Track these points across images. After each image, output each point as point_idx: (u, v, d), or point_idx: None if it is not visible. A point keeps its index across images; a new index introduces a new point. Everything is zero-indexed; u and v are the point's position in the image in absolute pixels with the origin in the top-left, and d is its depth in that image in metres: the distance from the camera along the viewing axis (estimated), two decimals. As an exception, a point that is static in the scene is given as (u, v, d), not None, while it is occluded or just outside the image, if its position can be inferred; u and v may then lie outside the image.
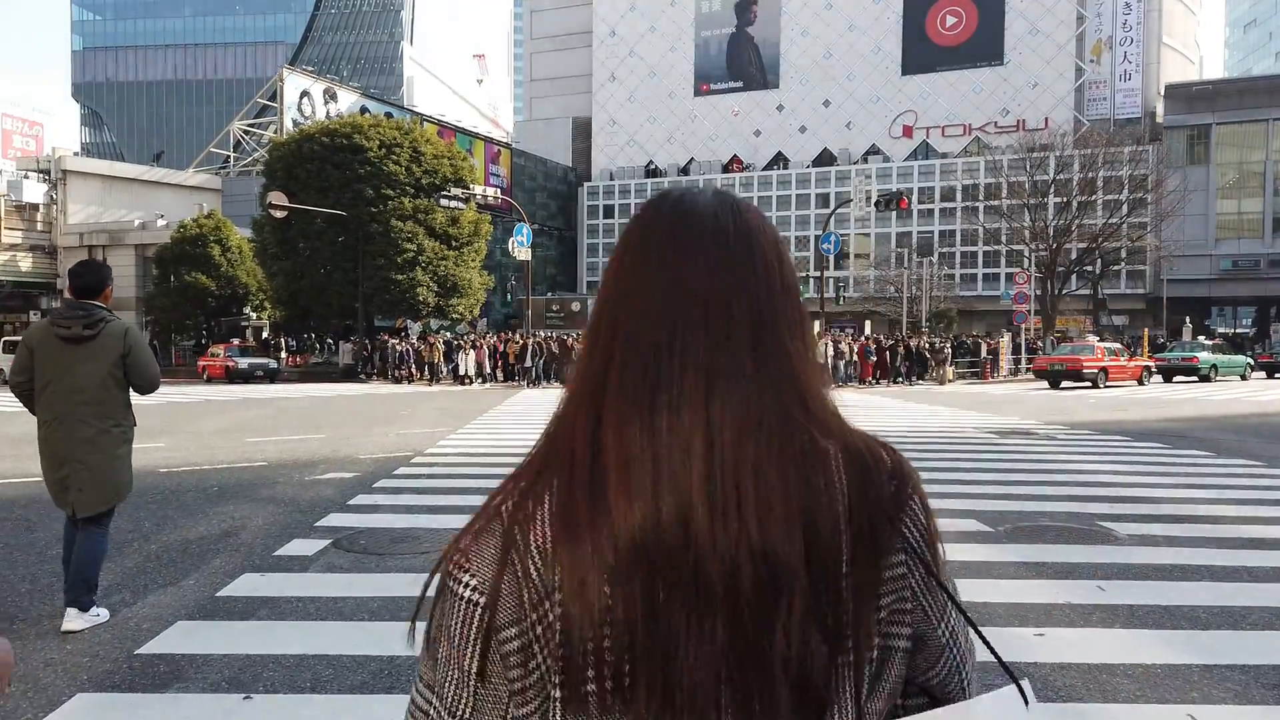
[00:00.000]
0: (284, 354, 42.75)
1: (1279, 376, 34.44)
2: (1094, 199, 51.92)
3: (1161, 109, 69.66)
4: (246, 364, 32.14)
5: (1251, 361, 32.80)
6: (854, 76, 79.58)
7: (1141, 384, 28.26)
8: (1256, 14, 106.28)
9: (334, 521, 6.73)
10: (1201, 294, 64.38)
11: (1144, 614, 4.55)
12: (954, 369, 30.56)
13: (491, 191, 33.06)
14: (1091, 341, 31.26)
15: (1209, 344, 34.04)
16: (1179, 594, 4.91)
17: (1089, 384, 26.55)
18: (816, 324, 50.50)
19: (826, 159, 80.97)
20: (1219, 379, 30.11)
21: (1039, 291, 47.59)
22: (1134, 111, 70.42)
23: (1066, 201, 51.01)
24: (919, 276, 49.95)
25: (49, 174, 52.03)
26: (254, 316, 43.11)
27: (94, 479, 4.26)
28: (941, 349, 29.21)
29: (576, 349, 0.90)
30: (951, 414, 17.45)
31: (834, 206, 36.07)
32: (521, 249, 29.52)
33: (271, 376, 32.41)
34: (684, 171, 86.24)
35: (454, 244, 36.62)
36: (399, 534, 6.43)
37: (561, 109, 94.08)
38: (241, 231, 42.59)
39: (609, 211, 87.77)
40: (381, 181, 34.78)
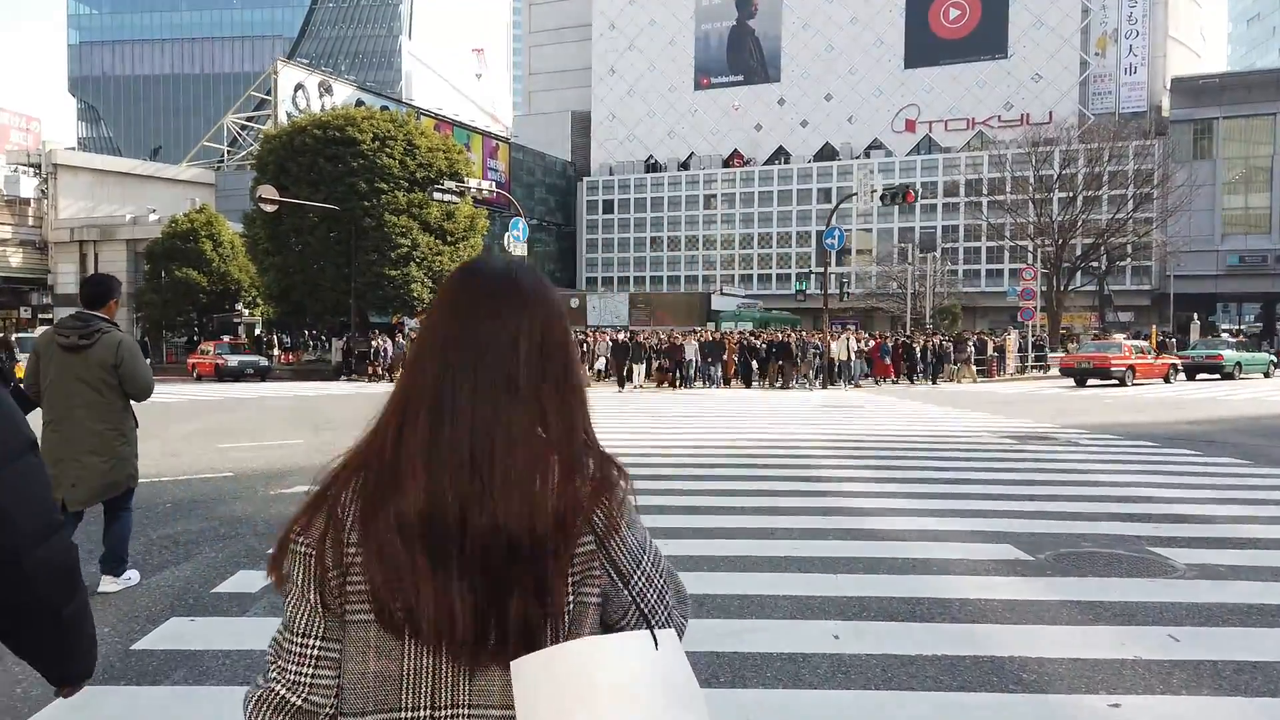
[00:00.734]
0: (277, 351, 42.01)
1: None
2: (1100, 194, 51.19)
3: (1167, 103, 68.85)
4: (237, 362, 31.45)
5: (1275, 359, 32.14)
6: (856, 70, 78.75)
7: (1168, 382, 27.84)
8: (1260, 8, 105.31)
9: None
10: (1208, 290, 63.64)
11: (1231, 674, 3.82)
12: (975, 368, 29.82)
13: (486, 185, 32.26)
14: (1118, 339, 31.05)
15: (1232, 341, 33.49)
16: (1267, 646, 4.17)
17: (1116, 382, 26.20)
18: (816, 322, 49.79)
19: (828, 154, 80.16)
20: (1242, 376, 29.64)
21: (1044, 288, 46.80)
22: (1139, 105, 69.59)
23: (1072, 196, 50.26)
24: (922, 272, 49.21)
25: (40, 168, 51.26)
26: (246, 313, 42.35)
27: (87, 477, 4.59)
28: (964, 346, 28.38)
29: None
30: (961, 415, 16.72)
31: (838, 201, 35.33)
32: (517, 244, 28.76)
33: (262, 374, 31.71)
34: (684, 166, 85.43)
35: (449, 239, 35.89)
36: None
37: (560, 103, 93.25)
38: (234, 226, 41.85)
39: (608, 207, 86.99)
40: (375, 175, 34.02)
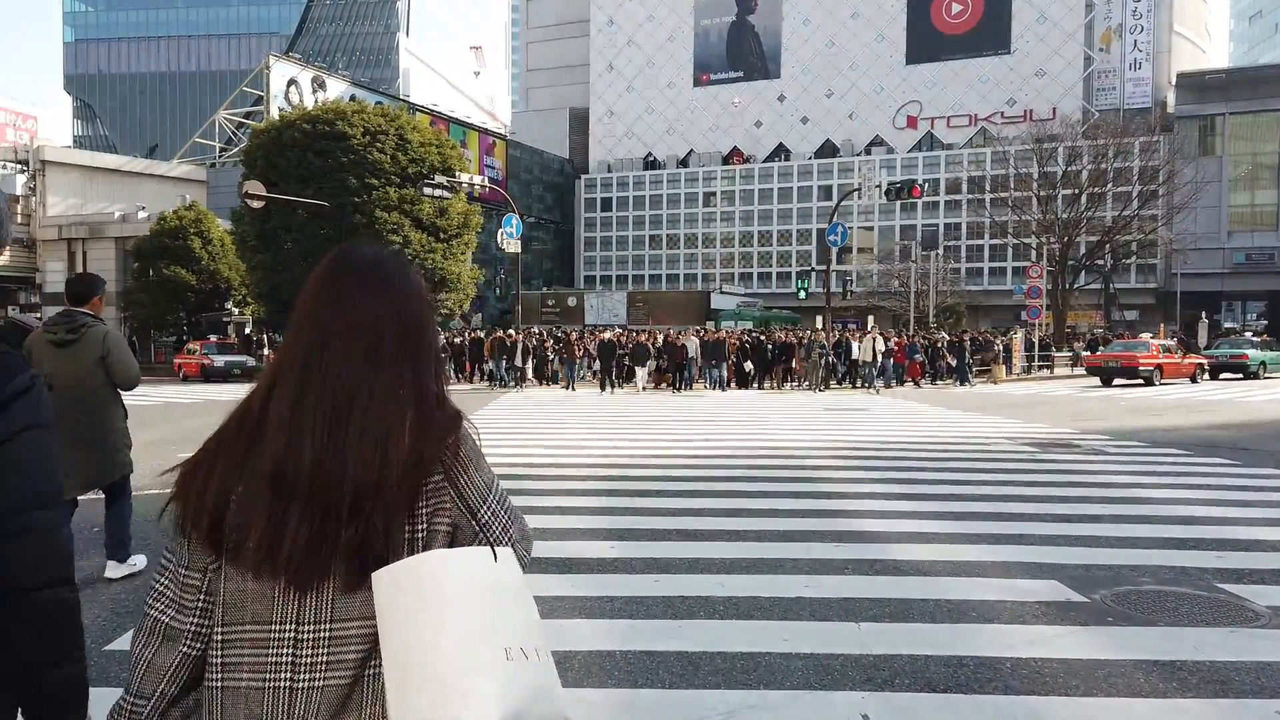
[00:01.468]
0: (267, 351, 41.13)
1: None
2: (1105, 191, 50.35)
3: (1172, 99, 68.00)
4: (223, 362, 30.70)
5: None
6: (857, 66, 77.91)
7: (1194, 381, 27.28)
8: (1262, 5, 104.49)
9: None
10: (1214, 288, 62.80)
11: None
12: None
13: (479, 180, 31.36)
14: (1146, 338, 30.77)
15: (1256, 340, 32.84)
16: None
17: (1142, 382, 25.78)
18: (819, 320, 48.94)
19: (829, 150, 79.31)
20: (1267, 375, 29.07)
21: (1049, 286, 45.97)
22: (1144, 101, 68.77)
23: (1077, 193, 49.41)
24: (925, 271, 48.37)
25: (28, 165, 50.40)
26: (236, 312, 41.50)
27: (80, 466, 4.73)
28: (994, 346, 27.47)
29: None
30: (972, 419, 15.87)
31: (840, 197, 34.49)
32: (511, 241, 27.91)
33: (250, 375, 30.82)
34: (683, 163, 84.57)
35: (442, 236, 35.04)
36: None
37: (558, 100, 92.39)
38: (225, 224, 41.01)
39: (606, 205, 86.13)
40: (365, 170, 33.20)
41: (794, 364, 23.88)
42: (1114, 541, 6.29)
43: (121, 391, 5.11)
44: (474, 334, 28.14)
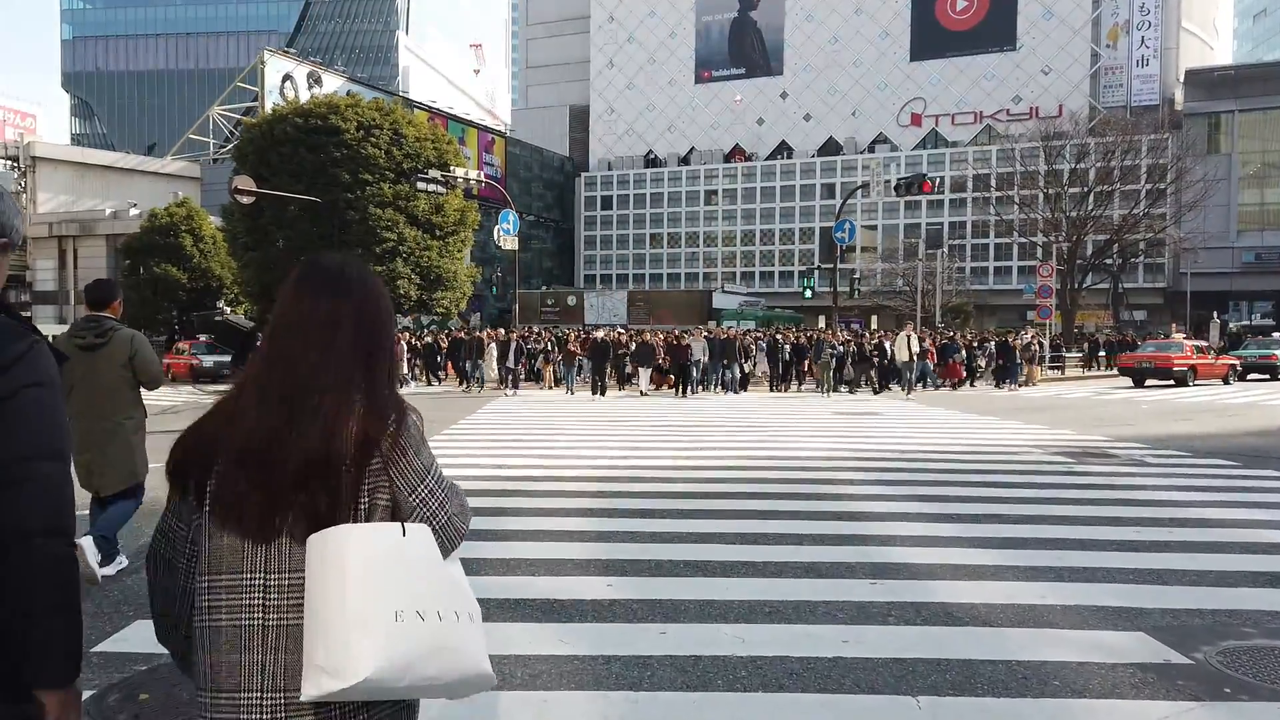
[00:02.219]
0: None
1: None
2: (1114, 188, 49.43)
3: (1180, 96, 67.11)
4: (212, 362, 29.76)
5: None
6: (861, 63, 77.01)
7: (1227, 382, 26.64)
8: (1266, 3, 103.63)
9: (127, 643, 4.22)
10: (1223, 288, 61.93)
11: None
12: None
13: (474, 174, 30.44)
14: (1179, 338, 30.33)
15: None
16: None
17: (1175, 382, 25.30)
18: (821, 319, 47.98)
19: (832, 148, 78.41)
20: None
21: (1057, 285, 45.06)
22: (1151, 98, 67.84)
23: (1086, 191, 48.51)
24: (931, 270, 47.48)
25: (18, 161, 49.55)
26: (228, 311, 40.55)
27: (111, 464, 5.07)
28: (1030, 346, 26.50)
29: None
30: (993, 425, 15.00)
31: (849, 193, 33.57)
32: (507, 238, 27.01)
33: (240, 376, 29.97)
34: (684, 161, 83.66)
35: (438, 234, 34.15)
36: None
37: (558, 97, 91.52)
38: (216, 221, 40.14)
39: (607, 203, 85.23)
40: (359, 166, 32.31)
41: (806, 365, 22.80)
42: (1194, 577, 5.41)
43: (144, 391, 5.37)
44: (457, 334, 27.15)
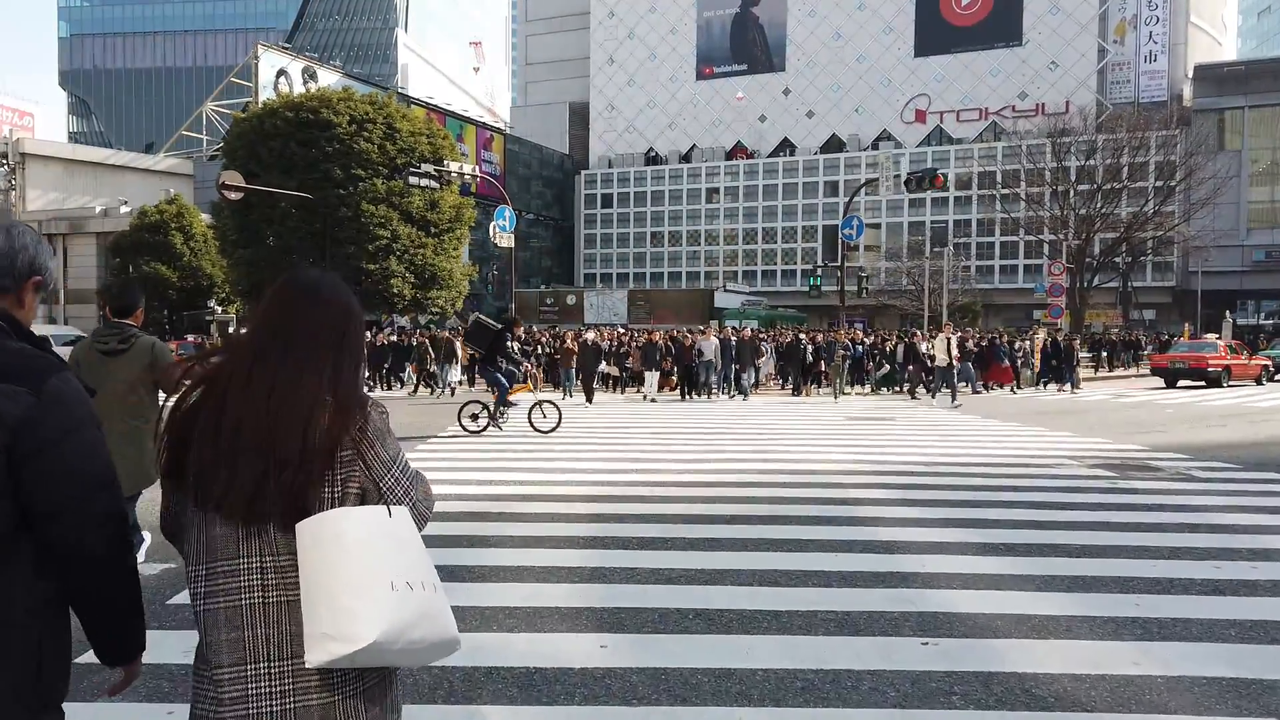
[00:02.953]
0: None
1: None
2: (1124, 185, 48.48)
3: (1189, 92, 66.11)
4: (201, 363, 28.78)
5: None
6: (864, 58, 76.04)
7: (1260, 383, 26.08)
8: (1271, 0, 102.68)
9: None
10: (1232, 286, 60.95)
11: None
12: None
13: (468, 168, 29.50)
14: (1211, 338, 29.73)
15: None
16: None
17: (1208, 383, 24.76)
18: (824, 319, 46.86)
19: (835, 145, 77.44)
20: None
21: (1066, 284, 44.12)
22: (1159, 95, 66.80)
23: (1096, 188, 47.54)
24: (938, 268, 46.56)
25: (6, 158, 48.66)
26: (219, 310, 39.69)
27: (127, 467, 4.72)
28: (1069, 347, 25.47)
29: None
30: (1017, 432, 14.08)
31: (857, 188, 32.64)
32: (504, 234, 26.07)
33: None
34: (685, 158, 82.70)
35: (433, 231, 33.29)
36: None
37: (558, 94, 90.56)
38: (208, 219, 39.27)
39: (607, 201, 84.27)
40: (351, 161, 31.46)
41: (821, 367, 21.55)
42: (1311, 633, 4.47)
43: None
44: (423, 335, 25.91)
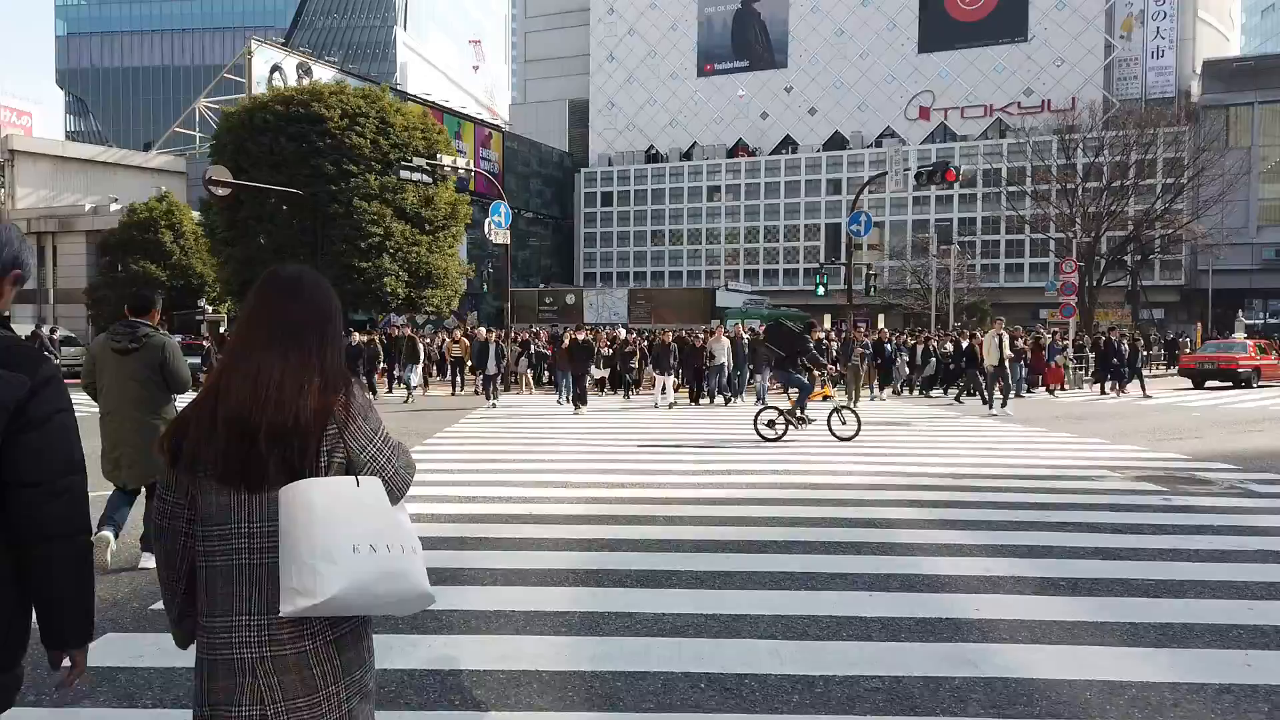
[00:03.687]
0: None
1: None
2: (1138, 182, 47.58)
3: (1196, 88, 65.13)
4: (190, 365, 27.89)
5: None
6: (867, 55, 75.06)
7: None
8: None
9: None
10: (1242, 285, 60.00)
11: None
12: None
13: (462, 162, 28.56)
14: (1240, 338, 29.06)
15: None
16: None
17: (1236, 384, 24.24)
18: (826, 318, 45.82)
19: (838, 143, 76.45)
20: None
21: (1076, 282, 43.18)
22: (1167, 91, 65.81)
23: (1106, 185, 46.64)
24: (944, 266, 45.65)
25: (-5, 155, 47.72)
26: (209, 309, 38.76)
27: (138, 460, 5.44)
28: (1133, 346, 24.50)
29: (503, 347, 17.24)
30: (1042, 438, 13.19)
31: (865, 182, 31.72)
32: (499, 230, 25.13)
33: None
34: (686, 156, 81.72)
35: (427, 228, 32.33)
36: None
37: (557, 91, 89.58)
38: (198, 216, 38.32)
39: (607, 199, 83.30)
40: (343, 156, 30.48)
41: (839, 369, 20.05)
42: None
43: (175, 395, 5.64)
44: (388, 334, 24.86)
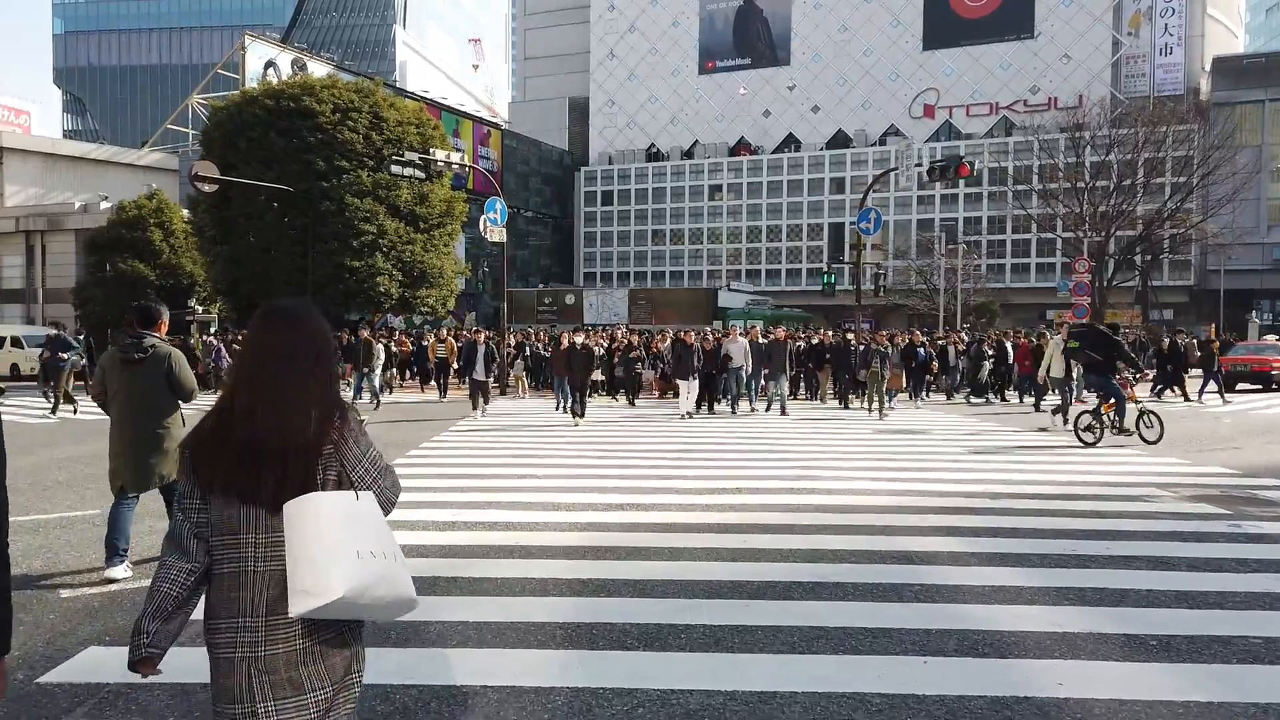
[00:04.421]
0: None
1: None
2: (1144, 181, 46.62)
3: (1205, 85, 64.23)
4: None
5: None
6: (871, 52, 74.14)
7: None
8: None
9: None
10: (1252, 285, 59.11)
11: None
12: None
13: (456, 157, 27.61)
14: (1271, 340, 28.22)
15: None
16: None
17: (1267, 387, 23.82)
18: (824, 319, 44.80)
19: (841, 141, 75.52)
20: None
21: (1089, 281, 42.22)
22: (1175, 88, 64.90)
23: (1118, 184, 45.69)
24: (951, 266, 44.73)
25: (-17, 152, 46.79)
26: (199, 310, 37.81)
27: (143, 467, 5.61)
28: (1209, 351, 23.67)
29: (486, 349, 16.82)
30: (1072, 451, 12.27)
31: (875, 178, 30.81)
32: (495, 228, 24.19)
33: (202, 381, 27.15)
34: (688, 154, 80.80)
35: (422, 226, 31.39)
36: None
37: (557, 89, 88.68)
38: (188, 214, 37.38)
39: (607, 198, 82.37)
40: (335, 151, 29.54)
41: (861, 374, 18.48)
42: None
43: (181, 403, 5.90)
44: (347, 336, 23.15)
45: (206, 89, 55.10)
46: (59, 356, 18.28)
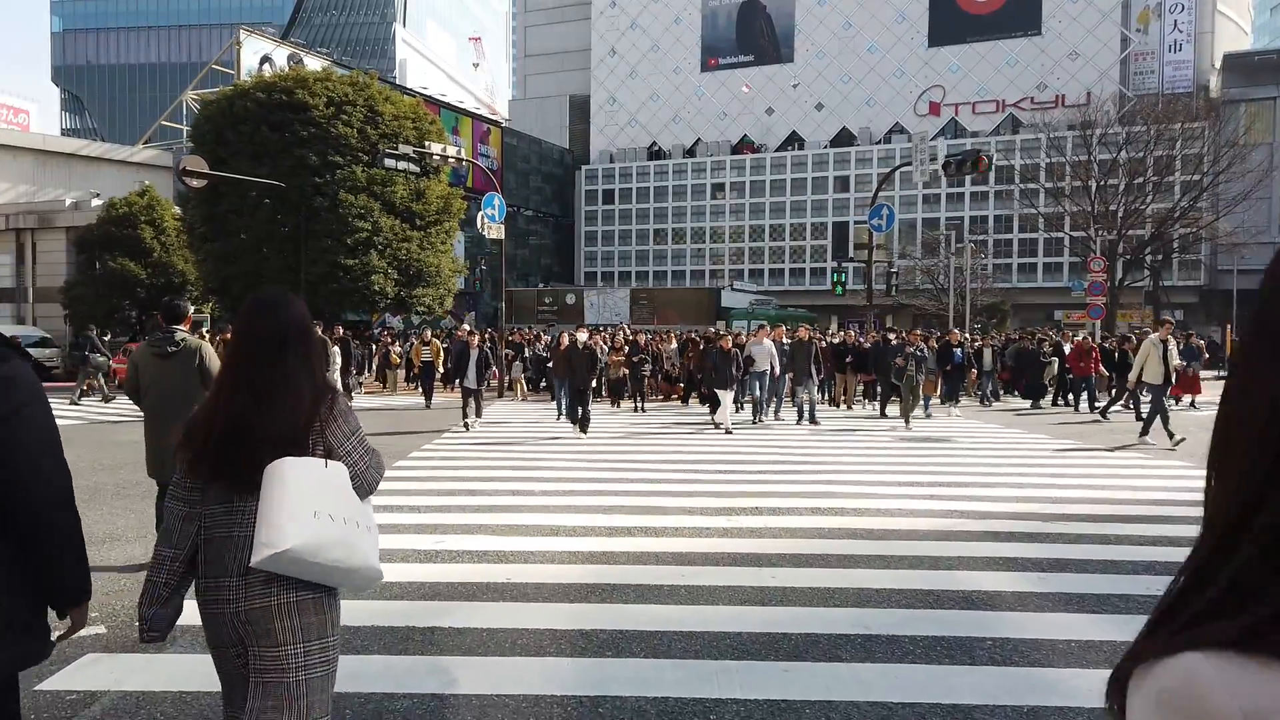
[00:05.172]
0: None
1: None
2: (1158, 179, 45.74)
3: (1215, 82, 63.27)
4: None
5: None
6: (876, 49, 73.15)
7: None
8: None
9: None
10: (1259, 285, 58.07)
11: None
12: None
13: (452, 150, 26.70)
14: None
15: None
16: None
17: None
18: (829, 320, 43.92)
19: (845, 139, 74.53)
20: None
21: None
22: (1185, 85, 63.89)
23: (1130, 182, 44.79)
24: (962, 265, 43.83)
25: (-27, 149, 45.89)
26: (192, 309, 36.89)
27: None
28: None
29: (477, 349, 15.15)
30: (1109, 459, 11.37)
31: (886, 174, 29.92)
32: (493, 225, 23.28)
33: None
34: (690, 153, 79.86)
35: (418, 223, 30.51)
36: None
37: (558, 86, 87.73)
38: (179, 211, 36.50)
39: (609, 197, 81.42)
40: (328, 146, 28.66)
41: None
42: None
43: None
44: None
45: (201, 84, 54.20)
46: (87, 357, 20.77)
